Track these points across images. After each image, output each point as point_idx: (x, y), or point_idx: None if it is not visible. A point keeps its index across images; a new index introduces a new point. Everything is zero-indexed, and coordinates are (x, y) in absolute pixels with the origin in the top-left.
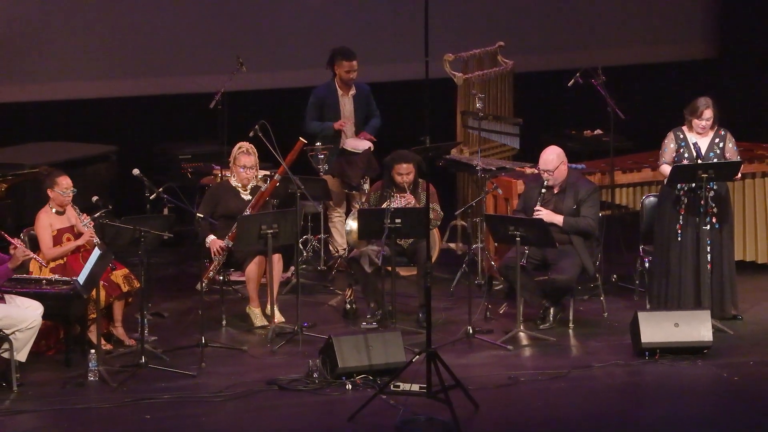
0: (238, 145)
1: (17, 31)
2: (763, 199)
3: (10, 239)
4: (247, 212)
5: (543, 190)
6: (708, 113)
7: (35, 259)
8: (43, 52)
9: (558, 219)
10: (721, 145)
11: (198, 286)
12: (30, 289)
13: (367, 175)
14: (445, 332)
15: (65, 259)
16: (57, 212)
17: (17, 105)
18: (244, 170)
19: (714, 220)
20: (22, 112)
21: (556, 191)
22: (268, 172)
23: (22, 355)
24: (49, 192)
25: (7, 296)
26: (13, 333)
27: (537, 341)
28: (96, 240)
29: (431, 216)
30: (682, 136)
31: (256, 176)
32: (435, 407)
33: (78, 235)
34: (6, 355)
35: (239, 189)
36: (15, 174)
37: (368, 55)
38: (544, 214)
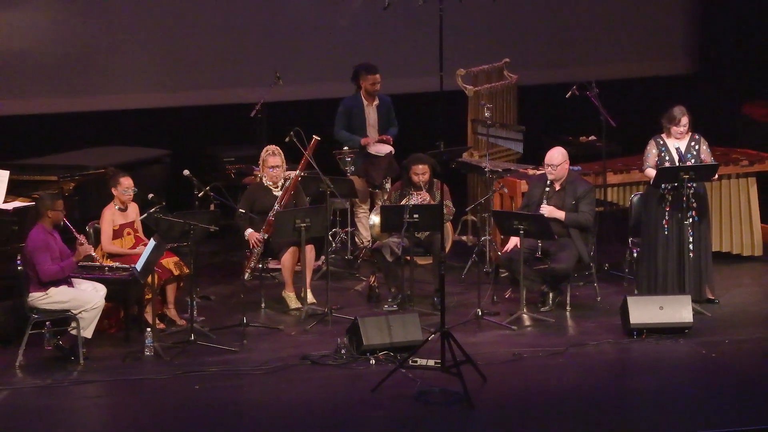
0: (264, 149)
1: (83, 49)
2: (738, 197)
3: (77, 234)
4: (276, 207)
5: (547, 189)
6: (684, 120)
7: (94, 256)
8: (106, 68)
9: (560, 215)
10: (696, 147)
11: (243, 276)
12: (94, 275)
13: (389, 175)
14: (457, 314)
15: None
16: (119, 209)
17: (83, 114)
18: (272, 170)
19: (694, 213)
20: (87, 121)
21: (557, 188)
22: (296, 172)
23: (87, 333)
24: (113, 190)
25: (74, 280)
26: (80, 313)
27: (538, 322)
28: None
29: (444, 211)
30: (662, 143)
31: (285, 175)
32: (448, 380)
33: (137, 230)
34: (74, 332)
35: (271, 187)
36: (81, 174)
37: (389, 70)
38: (549, 210)
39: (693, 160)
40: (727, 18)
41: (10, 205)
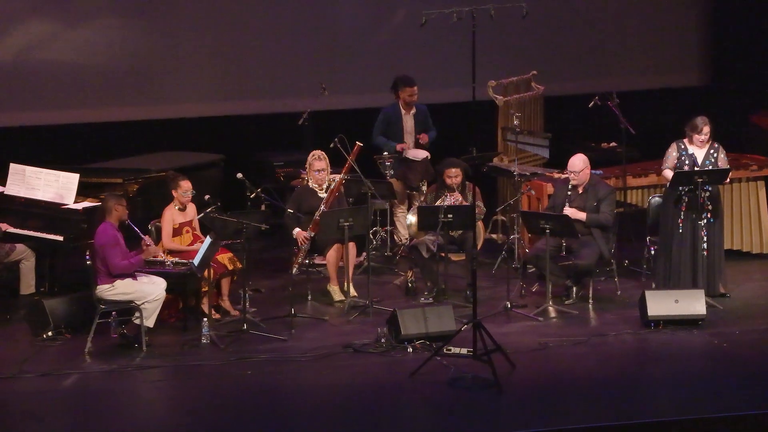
0: (311, 153)
1: (146, 63)
2: (748, 199)
3: (142, 235)
4: (322, 208)
5: (569, 192)
6: (706, 129)
7: (161, 254)
8: (166, 80)
9: (582, 216)
10: (715, 155)
11: (291, 271)
12: (156, 269)
13: (425, 178)
14: (487, 306)
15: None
16: (179, 209)
17: (146, 122)
18: (318, 173)
19: (709, 215)
20: (149, 128)
21: (580, 191)
22: (340, 175)
23: (150, 322)
24: (173, 192)
25: (137, 274)
26: (143, 304)
27: (563, 314)
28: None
29: (476, 211)
30: (683, 147)
31: (329, 178)
32: (479, 367)
33: (195, 228)
34: (137, 321)
35: (316, 189)
36: (144, 177)
37: (426, 81)
38: (571, 211)
39: (710, 167)
40: (737, 35)
41: (79, 205)
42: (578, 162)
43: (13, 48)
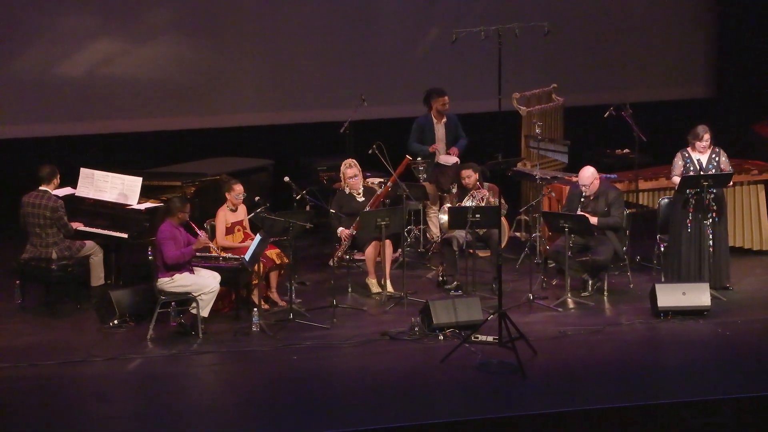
0: (343, 163)
1: (203, 76)
2: (749, 200)
3: (198, 230)
4: (367, 209)
5: (582, 198)
6: (707, 136)
7: (211, 247)
8: (221, 92)
9: (594, 220)
10: (717, 159)
11: (330, 262)
12: (211, 263)
13: (455, 182)
14: (512, 298)
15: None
16: (231, 209)
17: (202, 130)
18: (352, 179)
19: (714, 215)
20: (205, 136)
21: (591, 197)
22: (382, 180)
23: (205, 312)
24: (226, 194)
25: (195, 268)
26: (199, 295)
27: (580, 305)
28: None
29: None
30: (687, 155)
31: (364, 181)
32: (504, 353)
33: (245, 227)
34: (194, 311)
35: (354, 194)
36: (200, 180)
37: (456, 93)
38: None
39: (714, 170)
40: (740, 52)
41: (142, 206)
42: (587, 174)
43: (85, 63)
